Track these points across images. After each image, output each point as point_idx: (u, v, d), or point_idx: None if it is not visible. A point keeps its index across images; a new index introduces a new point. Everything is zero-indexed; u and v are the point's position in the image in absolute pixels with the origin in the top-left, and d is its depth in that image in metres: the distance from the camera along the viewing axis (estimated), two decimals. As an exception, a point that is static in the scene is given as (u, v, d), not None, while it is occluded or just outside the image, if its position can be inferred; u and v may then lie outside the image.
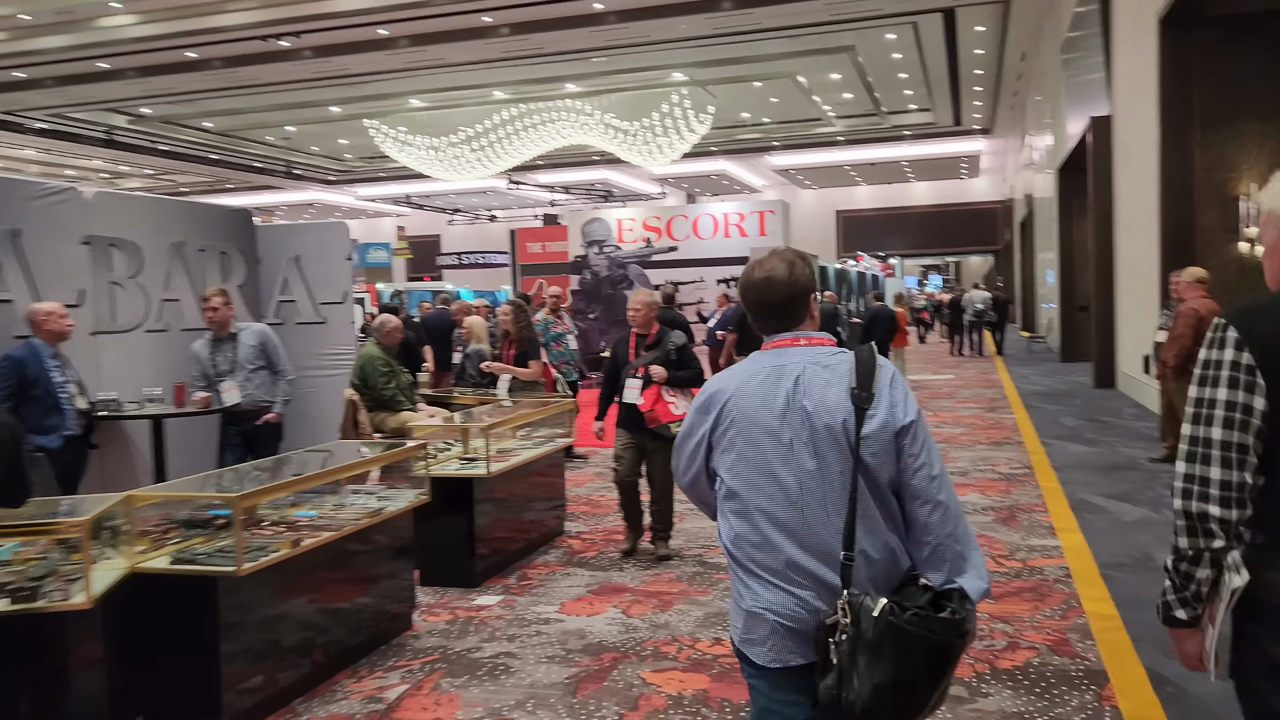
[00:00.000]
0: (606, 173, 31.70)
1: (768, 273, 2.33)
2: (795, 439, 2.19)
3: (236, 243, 7.61)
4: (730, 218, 16.82)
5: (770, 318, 2.34)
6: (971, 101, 27.75)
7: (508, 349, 8.13)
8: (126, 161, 29.47)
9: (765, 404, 2.23)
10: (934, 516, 2.18)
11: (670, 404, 6.01)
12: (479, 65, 22.39)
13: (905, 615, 2.07)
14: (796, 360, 2.26)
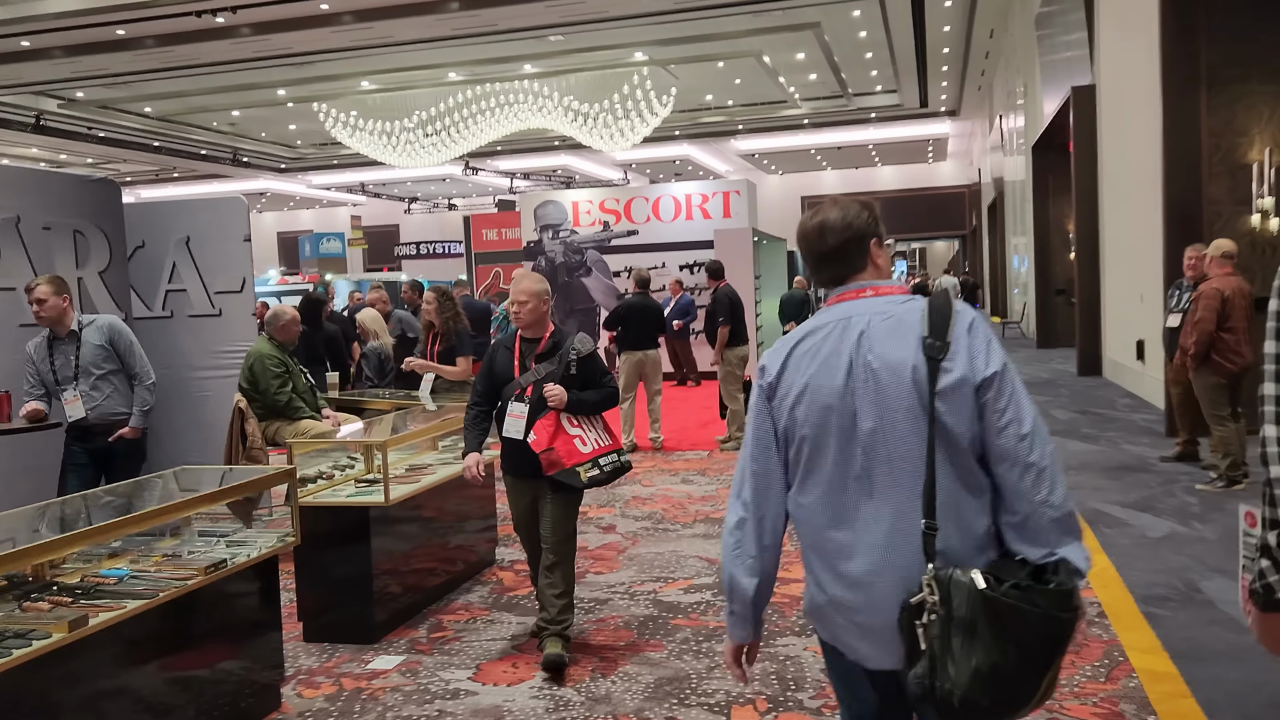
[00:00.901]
0: (567, 158, 30.40)
1: (820, 219, 2.09)
2: (862, 399, 1.95)
3: (96, 219, 6.28)
4: (693, 199, 15.56)
5: (826, 267, 2.10)
6: (939, 83, 26.74)
7: (431, 344, 6.87)
8: (64, 149, 27.79)
9: (828, 363, 1.99)
10: (1025, 481, 1.90)
11: (577, 438, 4.21)
12: (430, 44, 21.04)
13: (1003, 588, 1.81)
14: (861, 312, 2.01)
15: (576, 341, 4.36)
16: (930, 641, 1.82)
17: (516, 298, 4.34)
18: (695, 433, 10.41)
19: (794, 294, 14.73)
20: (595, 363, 4.40)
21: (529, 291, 4.33)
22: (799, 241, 2.16)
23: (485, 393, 4.43)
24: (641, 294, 9.58)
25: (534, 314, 4.32)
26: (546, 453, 4.15)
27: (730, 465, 8.71)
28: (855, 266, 2.07)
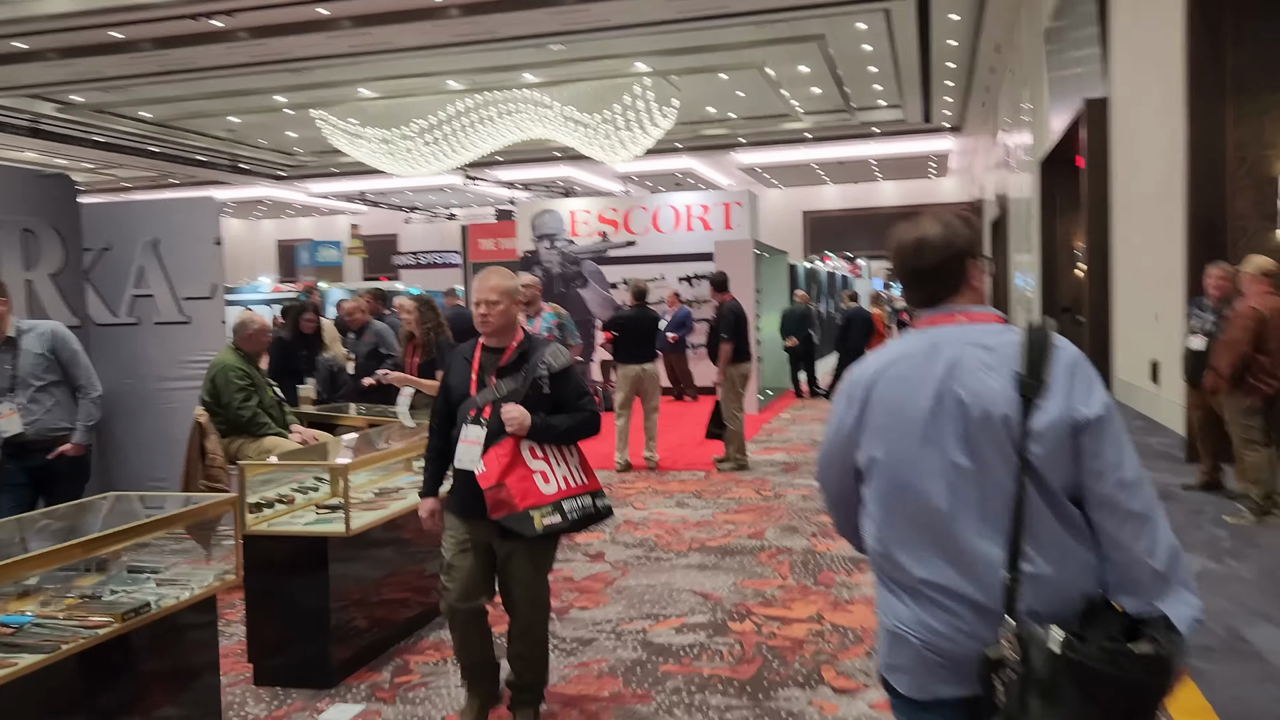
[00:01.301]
0: (568, 170, 29.98)
1: (919, 234, 1.93)
2: (947, 433, 1.81)
3: (49, 217, 5.80)
4: (693, 210, 15.06)
5: (922, 286, 1.94)
6: (942, 98, 26.38)
7: (411, 356, 6.38)
8: (62, 154, 27.36)
9: (914, 391, 1.85)
10: (1125, 530, 1.76)
11: (538, 474, 3.40)
12: (429, 51, 20.67)
13: (1089, 649, 1.65)
14: (952, 340, 1.86)
15: (548, 353, 3.56)
16: (1008, 699, 1.70)
17: (485, 296, 3.55)
18: (691, 452, 9.91)
19: (795, 309, 14.27)
20: (571, 380, 3.60)
21: (499, 289, 3.53)
22: (894, 256, 1.99)
23: (444, 415, 3.67)
24: (638, 306, 9.10)
25: (504, 318, 3.56)
26: (494, 490, 3.31)
27: (727, 488, 8.20)
28: (952, 288, 1.92)
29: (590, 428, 3.61)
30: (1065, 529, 1.78)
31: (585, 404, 3.61)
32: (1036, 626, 1.70)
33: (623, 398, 8.99)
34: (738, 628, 4.83)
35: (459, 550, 3.56)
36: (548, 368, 3.53)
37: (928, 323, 1.93)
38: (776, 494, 7.89)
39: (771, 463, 9.30)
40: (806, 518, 7.05)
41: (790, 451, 9.92)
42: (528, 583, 3.58)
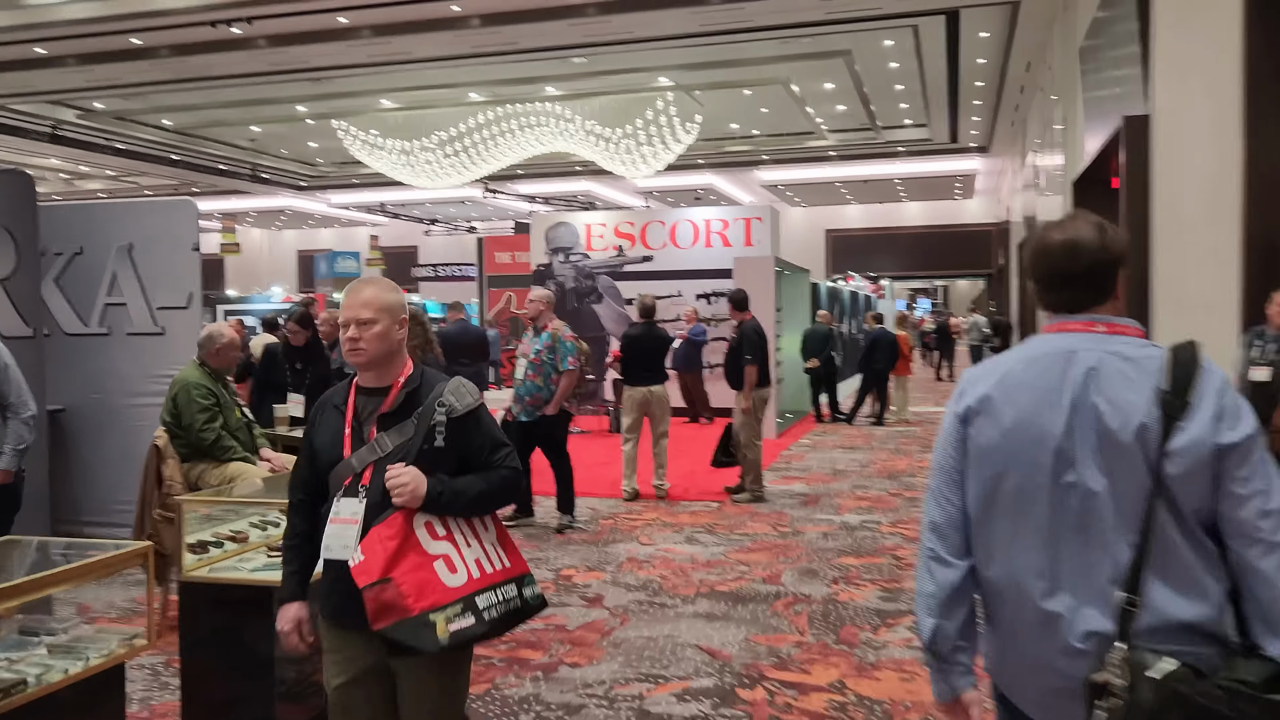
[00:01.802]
0: (589, 184, 29.48)
1: (1071, 235, 1.79)
2: (1080, 445, 1.70)
3: (2, 218, 5.25)
4: (712, 225, 14.44)
5: (1068, 289, 1.80)
6: (970, 117, 25.71)
7: (396, 375, 5.80)
8: (84, 160, 27.13)
9: (1045, 397, 1.73)
10: (1267, 562, 1.63)
11: (440, 559, 2.36)
12: (450, 61, 20.23)
13: (1205, 685, 1.56)
14: (1091, 348, 1.75)
15: (448, 391, 2.47)
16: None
17: (354, 314, 2.44)
18: (705, 479, 9.26)
19: (817, 329, 13.62)
20: (480, 427, 2.51)
21: (375, 304, 2.44)
22: (1036, 257, 1.86)
23: (310, 486, 2.57)
24: (646, 324, 8.48)
25: (382, 344, 2.45)
26: (376, 588, 2.27)
27: (741, 522, 7.55)
28: (1099, 295, 1.79)
29: (510, 490, 2.56)
30: (1194, 555, 1.68)
31: (502, 459, 2.53)
32: (1148, 654, 1.61)
33: (630, 422, 8.36)
34: (748, 696, 4.18)
35: (345, 683, 2.47)
36: (447, 410, 2.44)
37: (1060, 329, 1.81)
38: (795, 530, 7.23)
39: (790, 494, 8.65)
40: (827, 559, 6.39)
41: (810, 482, 9.26)
42: (445, 710, 2.50)
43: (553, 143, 22.98)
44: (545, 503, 8.24)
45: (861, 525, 7.35)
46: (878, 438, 12.25)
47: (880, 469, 9.89)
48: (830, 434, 12.72)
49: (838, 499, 8.37)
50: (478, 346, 9.61)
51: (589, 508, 8.10)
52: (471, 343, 9.53)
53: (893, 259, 36.35)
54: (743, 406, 8.29)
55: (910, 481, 9.15)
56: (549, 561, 6.42)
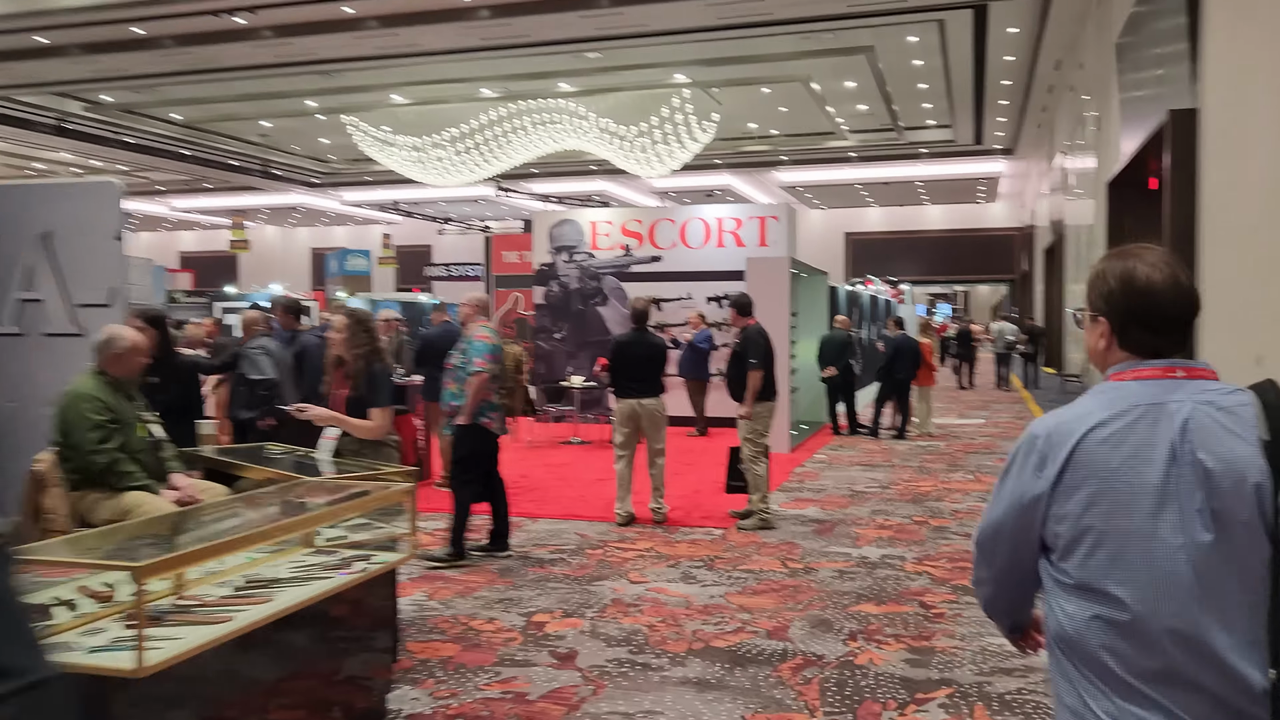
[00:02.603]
0: (604, 184, 28.59)
1: (1173, 275, 1.63)
2: (1184, 504, 1.54)
3: None
4: (725, 224, 13.45)
5: (1162, 335, 1.64)
6: (995, 118, 24.64)
7: (338, 387, 4.86)
8: (97, 155, 26.47)
9: (1139, 455, 1.56)
10: None
11: None
12: (460, 55, 19.40)
13: None
14: (1177, 397, 1.59)
15: None
16: None
17: None
18: (709, 501, 8.30)
19: (835, 335, 12.62)
20: None
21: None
22: (1130, 293, 1.65)
23: None
24: (638, 330, 7.52)
25: None
26: None
27: (746, 555, 6.58)
28: (1185, 341, 1.66)
29: None
30: None
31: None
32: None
33: (622, 438, 7.39)
34: (740, 810, 3.23)
35: None
36: None
37: (1136, 375, 1.63)
38: (806, 567, 6.25)
39: (802, 520, 7.66)
40: (843, 606, 5.41)
41: (825, 505, 8.26)
42: None
43: (566, 140, 22.12)
44: (531, 528, 7.31)
45: (883, 561, 6.37)
46: (899, 453, 11.23)
47: (903, 491, 8.89)
48: (848, 448, 11.72)
49: (856, 527, 7.39)
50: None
51: (577, 534, 7.16)
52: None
53: (913, 263, 35.29)
54: (742, 413, 7.33)
55: (936, 507, 8.15)
56: (521, 603, 5.48)
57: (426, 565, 6.15)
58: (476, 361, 6.01)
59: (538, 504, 8.16)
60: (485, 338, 6.13)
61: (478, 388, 5.98)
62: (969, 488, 9.03)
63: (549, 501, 8.28)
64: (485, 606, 5.41)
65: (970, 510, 7.98)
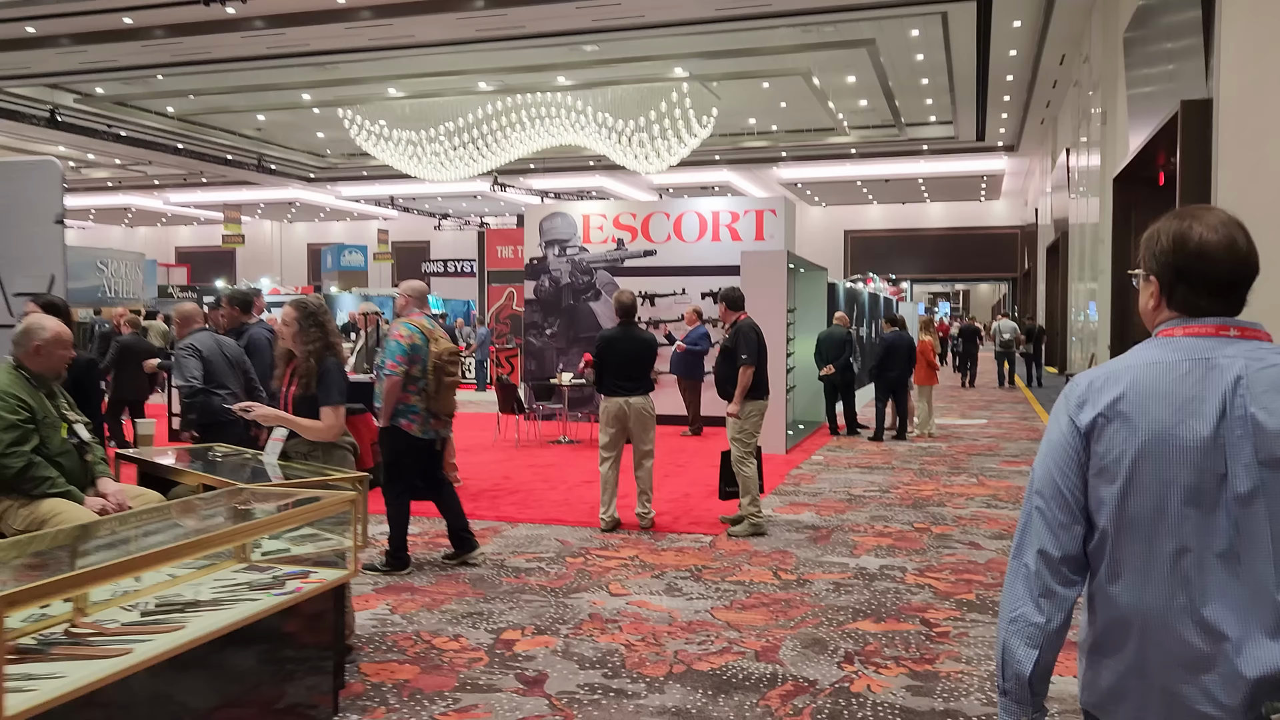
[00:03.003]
0: (602, 179, 28.15)
1: (1229, 236, 1.58)
2: (1232, 459, 1.51)
3: None
4: (721, 217, 12.97)
5: (1217, 296, 1.59)
6: (998, 114, 24.16)
7: (287, 384, 4.42)
8: (90, 148, 26.04)
9: (1188, 407, 1.53)
10: None
11: None
12: (454, 46, 18.95)
13: None
14: (1228, 353, 1.56)
15: None
16: None
17: None
18: (699, 505, 7.85)
19: (834, 332, 12.16)
20: None
21: None
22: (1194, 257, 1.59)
23: None
24: (624, 324, 7.07)
25: None
26: None
27: (736, 564, 6.13)
28: (1238, 305, 1.62)
29: None
30: None
31: None
32: None
33: (607, 439, 6.93)
34: None
35: None
36: None
37: (1187, 332, 1.58)
38: (800, 579, 5.80)
39: (796, 526, 7.21)
40: (838, 624, 4.97)
41: (821, 510, 7.81)
42: None
43: (564, 135, 21.68)
44: (510, 534, 6.87)
45: (882, 573, 5.92)
46: (899, 455, 10.78)
47: (903, 495, 8.43)
48: (846, 449, 11.26)
49: (853, 534, 6.93)
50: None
51: (558, 540, 6.71)
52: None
53: (913, 261, 34.82)
54: (731, 411, 6.89)
55: (939, 513, 7.69)
56: (491, 617, 5.03)
57: (370, 571, 5.75)
58: (388, 363, 5.60)
59: (519, 507, 7.72)
60: (400, 336, 5.70)
61: (389, 390, 5.59)
62: (972, 492, 8.57)
63: (530, 505, 7.83)
64: (452, 621, 4.96)
65: (974, 516, 7.52)
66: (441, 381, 5.59)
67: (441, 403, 5.68)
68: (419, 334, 5.65)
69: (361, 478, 3.85)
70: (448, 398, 5.74)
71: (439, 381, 5.58)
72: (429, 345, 5.64)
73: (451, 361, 5.68)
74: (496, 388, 11.52)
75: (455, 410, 6.00)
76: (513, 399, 10.98)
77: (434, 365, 5.58)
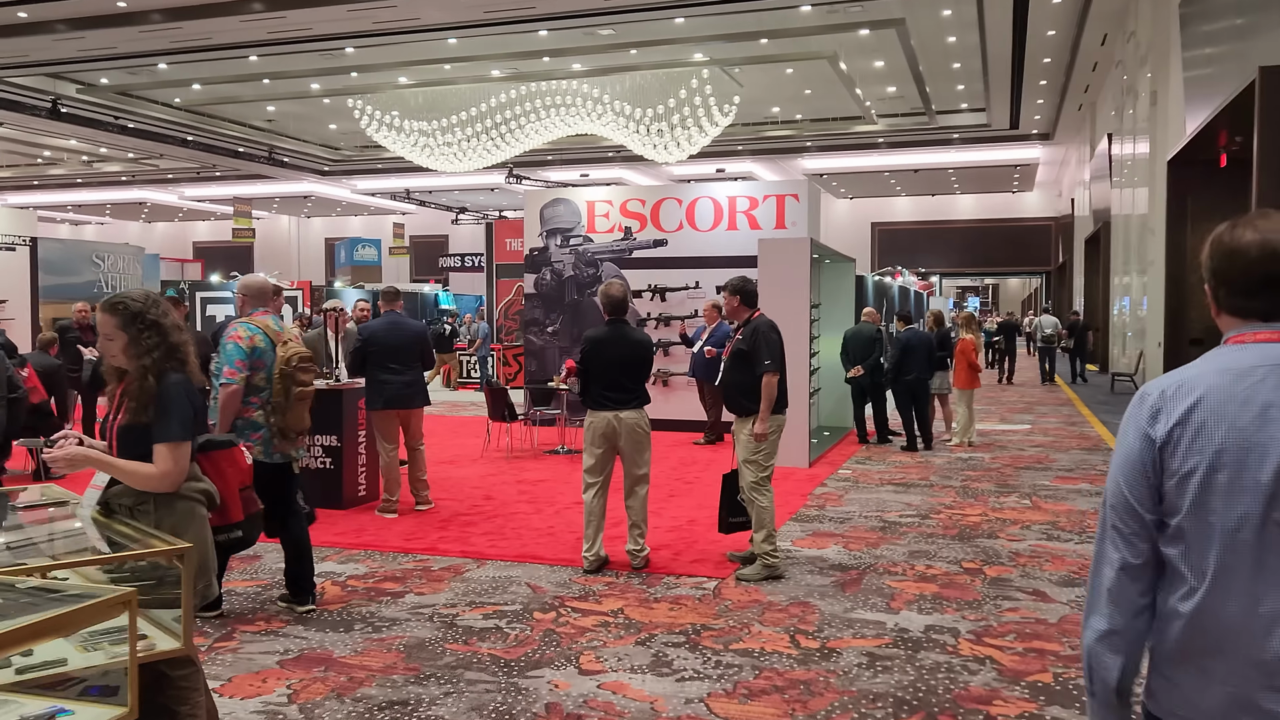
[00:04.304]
0: (621, 171, 26.86)
1: (1263, 235, 1.55)
2: None
3: None
4: (738, 203, 11.60)
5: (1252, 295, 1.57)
6: (1034, 100, 22.62)
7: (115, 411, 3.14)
8: (104, 141, 25.11)
9: (1266, 414, 1.48)
10: None
11: None
12: (462, 30, 17.75)
13: None
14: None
15: None
16: None
17: None
18: (705, 536, 6.51)
19: (862, 330, 10.80)
20: None
21: None
22: (1226, 258, 1.59)
23: None
24: (614, 323, 5.76)
25: None
26: None
27: (744, 622, 4.79)
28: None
29: None
30: None
31: None
32: None
33: (593, 461, 5.62)
34: None
35: None
36: None
37: (1257, 338, 1.56)
38: (824, 647, 4.47)
39: (820, 565, 5.87)
40: (887, 708, 3.65)
41: (849, 542, 6.45)
42: None
43: (580, 124, 20.44)
44: (473, 575, 5.58)
45: (929, 637, 4.58)
46: (937, 469, 9.39)
47: (945, 521, 7.07)
48: (876, 461, 9.89)
49: (889, 578, 5.59)
50: (410, 348, 6.96)
51: (528, 584, 5.42)
52: (403, 343, 6.91)
53: (942, 255, 33.25)
54: (756, 431, 5.56)
55: (991, 548, 6.31)
56: (419, 709, 3.76)
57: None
58: (225, 370, 4.53)
59: (492, 538, 6.44)
60: (238, 338, 4.61)
61: (226, 402, 4.53)
62: (1027, 518, 7.19)
63: (506, 535, 6.54)
64: (365, 714, 3.70)
65: (1033, 553, 6.15)
66: (291, 392, 4.43)
67: (291, 418, 4.54)
68: (262, 335, 4.49)
69: (185, 550, 2.58)
70: (299, 412, 4.59)
71: (288, 392, 4.42)
72: (276, 350, 4.51)
73: (304, 368, 4.51)
74: (486, 391, 10.24)
75: (308, 427, 4.84)
76: (503, 404, 9.69)
77: (281, 372, 4.41)
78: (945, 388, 11.11)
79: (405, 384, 6.97)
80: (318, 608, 4.91)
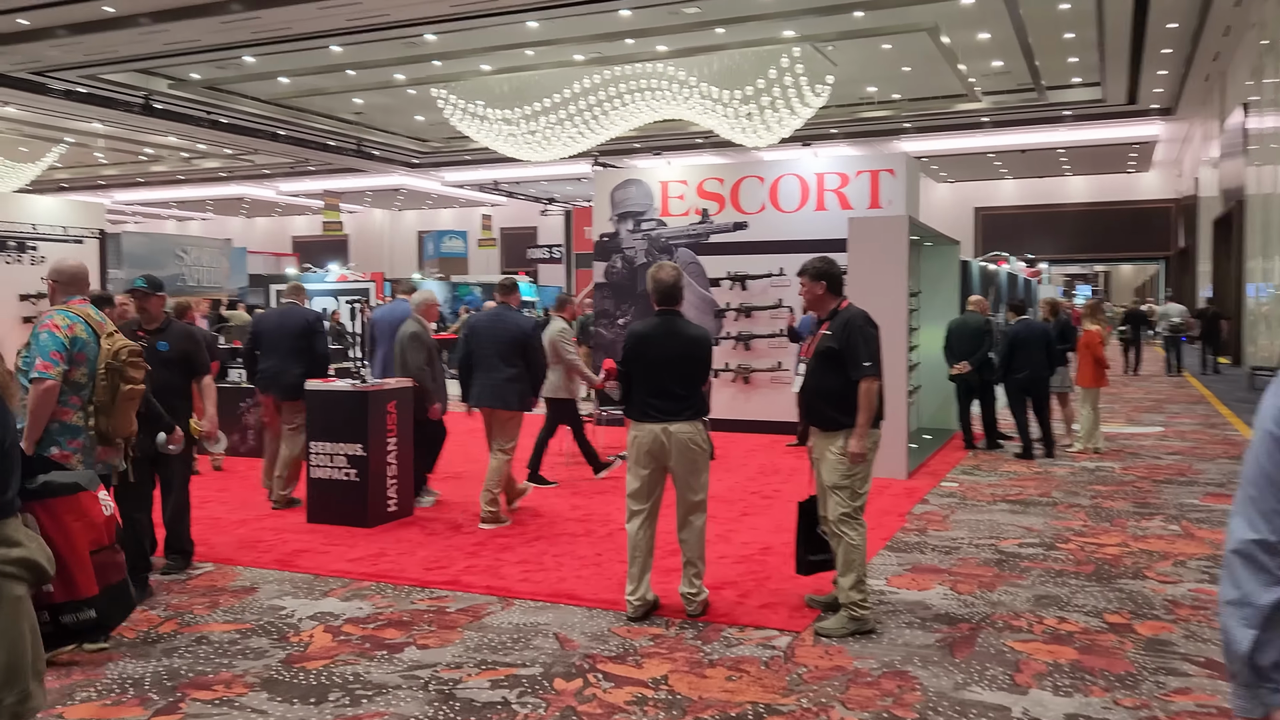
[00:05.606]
0: (711, 157, 25.61)
1: None
2: None
3: None
4: (827, 180, 10.31)
5: None
6: (1154, 71, 20.50)
7: None
8: (200, 137, 25.14)
9: None
10: None
11: None
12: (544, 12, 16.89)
13: None
14: None
15: None
16: None
17: None
18: (780, 571, 5.31)
19: (968, 320, 9.44)
20: None
21: None
22: None
23: None
24: (664, 314, 4.68)
25: None
26: None
27: (825, 706, 3.61)
28: None
29: None
30: None
31: None
32: None
33: (638, 484, 4.53)
34: None
35: None
36: None
37: None
38: (929, 749, 3.30)
39: (922, 616, 4.64)
40: None
41: (959, 584, 5.18)
42: None
43: (666, 108, 19.35)
44: (497, 620, 4.52)
45: (1072, 736, 3.35)
46: (1060, 482, 7.97)
47: (1077, 553, 5.72)
48: (986, 471, 8.51)
49: (1011, 635, 4.34)
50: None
51: (556, 635, 4.35)
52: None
53: (1049, 241, 30.98)
54: (853, 449, 4.37)
55: (1139, 592, 4.97)
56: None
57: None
58: (38, 363, 3.72)
59: (526, 569, 5.38)
60: (54, 326, 3.80)
61: (40, 401, 3.70)
62: (1179, 550, 5.78)
63: (545, 565, 5.47)
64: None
65: (1195, 601, 4.79)
66: (119, 390, 3.59)
67: (117, 421, 3.67)
68: (83, 325, 3.61)
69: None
70: (125, 415, 3.72)
71: (114, 390, 3.58)
72: (100, 342, 3.82)
73: (132, 363, 3.65)
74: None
75: (135, 432, 3.93)
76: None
77: (107, 368, 3.56)
78: (1067, 385, 9.65)
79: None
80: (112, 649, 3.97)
